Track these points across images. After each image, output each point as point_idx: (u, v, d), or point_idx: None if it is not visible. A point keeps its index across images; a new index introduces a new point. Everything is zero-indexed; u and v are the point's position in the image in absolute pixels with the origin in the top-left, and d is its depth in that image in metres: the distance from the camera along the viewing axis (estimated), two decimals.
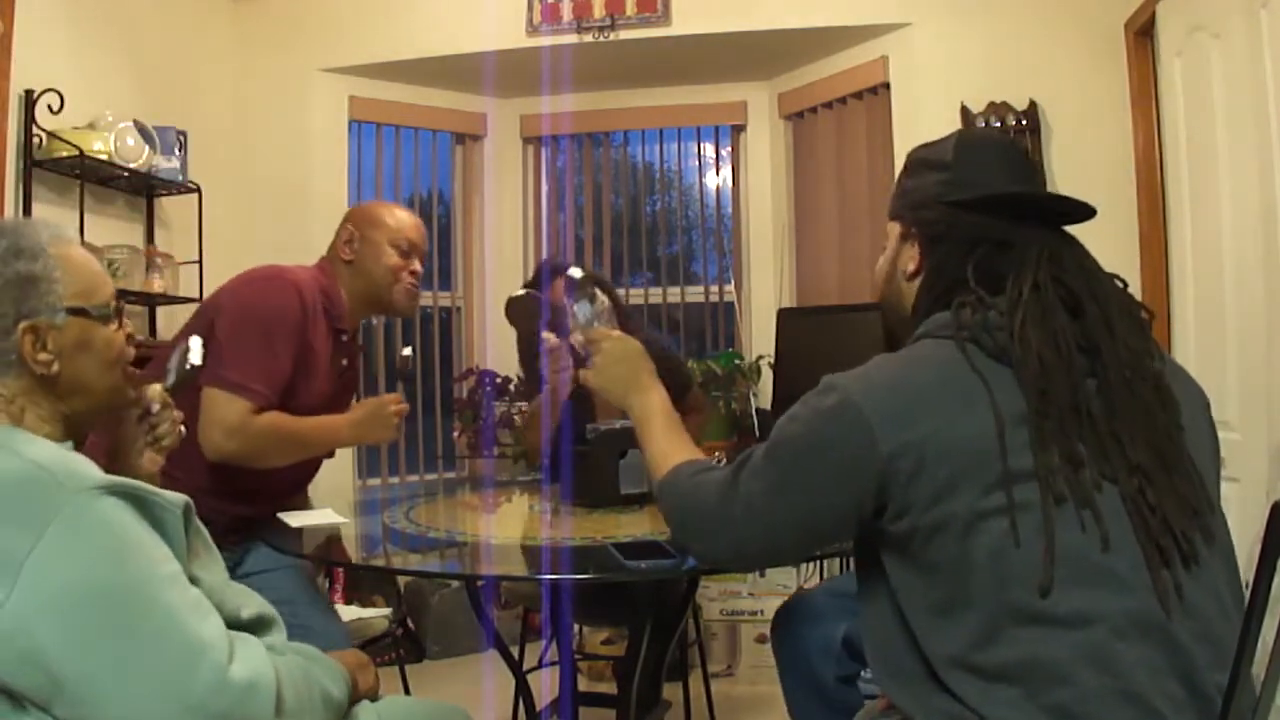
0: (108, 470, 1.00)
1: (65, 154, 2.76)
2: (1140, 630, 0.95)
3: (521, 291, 2.17)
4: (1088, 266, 1.12)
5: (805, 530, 1.13)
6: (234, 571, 1.90)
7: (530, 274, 4.15)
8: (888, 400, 1.04)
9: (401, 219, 2.03)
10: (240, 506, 1.85)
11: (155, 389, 1.35)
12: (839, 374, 1.10)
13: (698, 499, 1.21)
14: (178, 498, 1.04)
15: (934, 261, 1.16)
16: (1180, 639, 0.95)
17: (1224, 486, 2.31)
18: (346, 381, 2.08)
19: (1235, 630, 0.99)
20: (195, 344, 1.46)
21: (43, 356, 1.06)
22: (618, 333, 1.50)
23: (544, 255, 4.17)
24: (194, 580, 1.03)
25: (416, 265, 2.03)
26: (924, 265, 1.18)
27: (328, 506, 2.02)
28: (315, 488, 2.18)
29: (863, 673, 1.62)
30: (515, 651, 2.26)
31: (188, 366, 1.46)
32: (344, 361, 2.03)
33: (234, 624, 1.09)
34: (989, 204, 1.13)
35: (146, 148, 3.02)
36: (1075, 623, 0.95)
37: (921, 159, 1.23)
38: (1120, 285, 1.14)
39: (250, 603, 1.17)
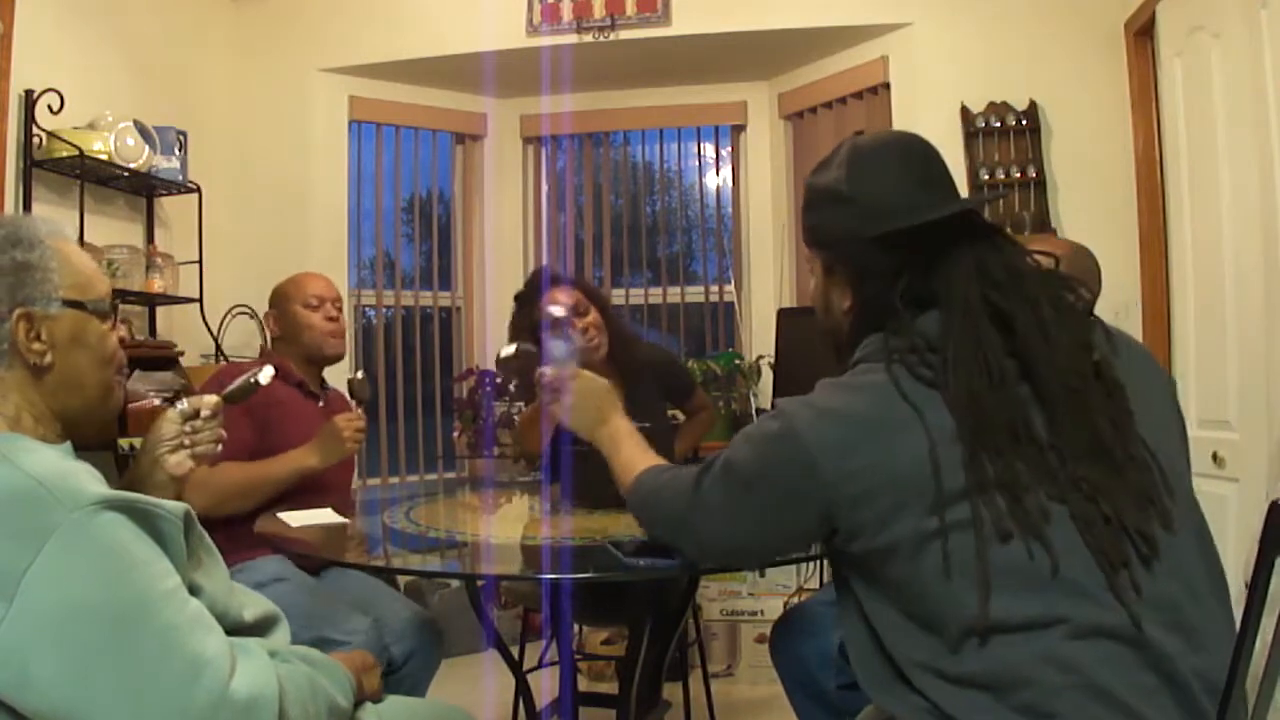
0: (135, 460, 0.99)
1: (65, 154, 2.76)
2: (1100, 631, 0.95)
3: (511, 349, 2.19)
4: (1015, 267, 1.10)
5: (761, 544, 1.19)
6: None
7: (525, 278, 4.17)
8: (829, 430, 1.05)
9: (303, 282, 2.31)
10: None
11: (211, 398, 1.37)
12: (789, 400, 1.11)
13: (663, 497, 1.27)
14: (178, 506, 1.03)
15: (862, 297, 1.16)
16: (1147, 633, 0.95)
17: (1224, 486, 2.32)
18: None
19: (1209, 612, 1.00)
20: (268, 369, 1.57)
21: (36, 346, 1.05)
22: (587, 373, 1.57)
23: (543, 257, 4.17)
24: (196, 588, 1.02)
25: (330, 310, 2.29)
26: (854, 300, 1.17)
27: (328, 506, 2.03)
28: None
29: None
30: (515, 651, 2.26)
31: (251, 380, 1.51)
32: (319, 403, 2.29)
33: (238, 627, 1.09)
34: (901, 235, 1.09)
35: (146, 148, 3.02)
36: (1030, 627, 0.95)
37: (818, 190, 1.19)
38: (1051, 269, 1.12)
39: (253, 604, 1.17)
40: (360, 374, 2.20)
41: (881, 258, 1.11)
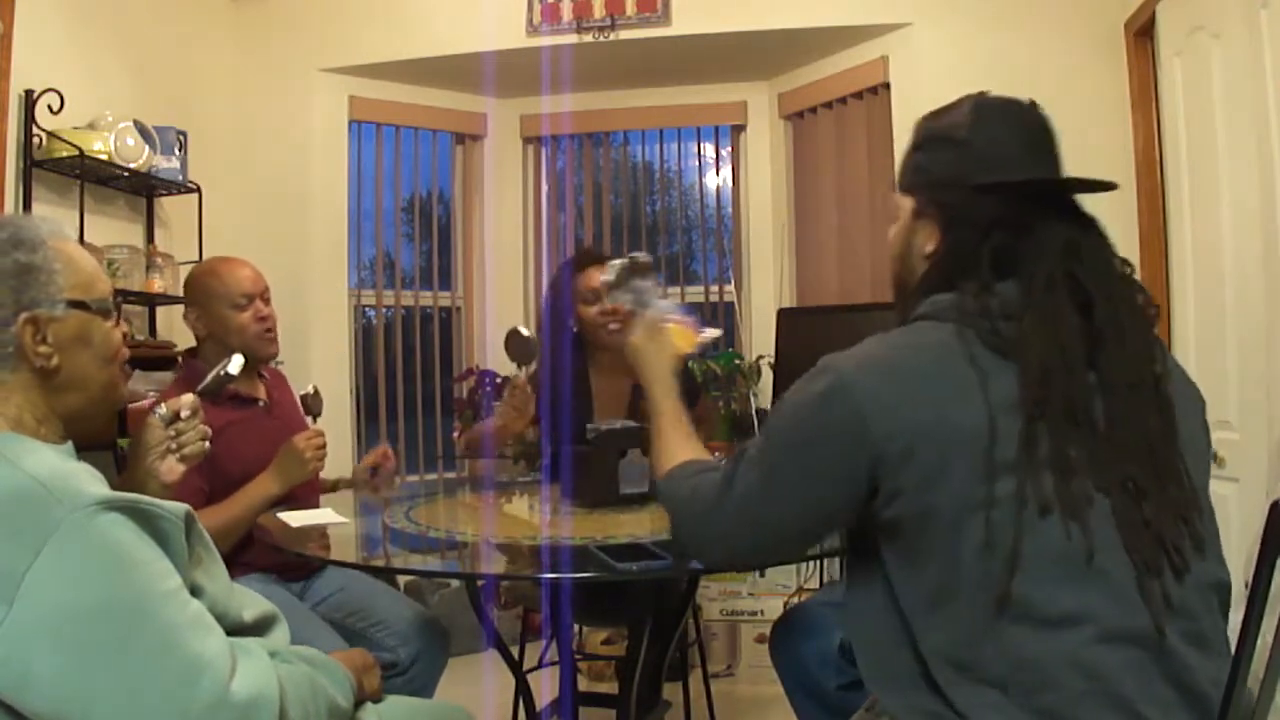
0: (127, 472, 0.99)
1: (65, 154, 2.76)
2: (1128, 637, 0.95)
3: (527, 332, 2.26)
4: (1104, 259, 1.10)
5: (801, 520, 1.12)
6: (302, 596, 2.05)
7: (532, 266, 4.18)
8: (882, 382, 1.03)
9: (228, 278, 2.07)
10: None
11: (188, 397, 1.37)
12: (834, 355, 1.08)
13: (695, 499, 1.22)
14: (178, 506, 1.03)
15: (949, 243, 1.13)
16: (1170, 642, 0.95)
17: (1224, 486, 2.32)
18: (283, 419, 2.14)
19: (1222, 632, 1.00)
20: (237, 358, 1.55)
21: (42, 349, 1.05)
22: (672, 329, 1.54)
23: (543, 257, 4.17)
24: (197, 589, 1.02)
25: (261, 308, 2.09)
26: (940, 246, 1.14)
27: (328, 507, 2.03)
28: None
29: None
30: (515, 651, 2.26)
31: (223, 372, 1.51)
32: (260, 403, 2.13)
33: (238, 627, 1.09)
34: (1010, 188, 1.09)
35: (146, 148, 3.02)
36: (1062, 624, 0.95)
37: (936, 133, 1.18)
38: (1130, 274, 1.12)
39: (252, 604, 1.17)
40: (313, 388, 2.12)
41: (980, 207, 1.09)
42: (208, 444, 1.38)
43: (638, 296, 1.60)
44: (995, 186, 1.09)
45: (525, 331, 2.25)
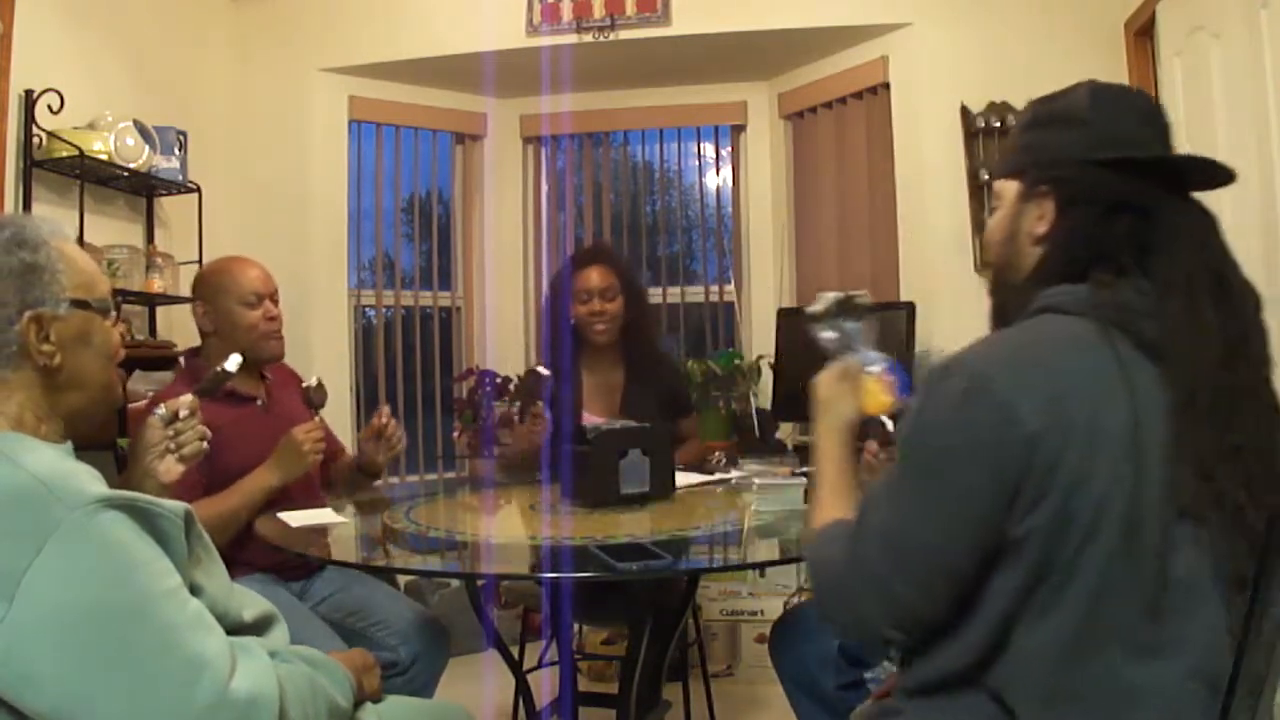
0: (125, 472, 0.99)
1: (65, 154, 2.76)
2: (1207, 674, 0.91)
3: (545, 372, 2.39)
4: (1230, 255, 1.04)
5: (951, 544, 0.97)
6: (301, 596, 2.05)
7: (532, 266, 4.18)
8: (1027, 377, 0.95)
9: (239, 276, 2.11)
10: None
11: (187, 398, 1.37)
12: (958, 354, 0.99)
13: (829, 559, 1.07)
14: (178, 505, 1.03)
15: (1068, 224, 1.04)
16: (1236, 699, 0.90)
17: None
18: (282, 418, 2.11)
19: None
20: (235, 357, 1.56)
21: (45, 348, 1.06)
22: (851, 369, 1.36)
23: (543, 256, 4.17)
24: (196, 588, 1.02)
25: (270, 308, 2.13)
26: (1056, 227, 1.06)
27: (328, 506, 2.03)
28: None
29: (866, 675, 1.62)
30: (515, 651, 2.26)
31: (220, 370, 1.52)
32: (257, 402, 2.14)
33: (237, 626, 1.09)
34: (1135, 166, 1.02)
35: (146, 148, 3.01)
36: (1160, 652, 0.91)
37: (1051, 113, 1.11)
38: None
39: (252, 604, 1.17)
40: (316, 381, 2.11)
41: (1103, 184, 1.02)
42: (206, 444, 1.39)
43: (843, 338, 1.39)
44: (1122, 162, 1.02)
45: (544, 371, 2.38)
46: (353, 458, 2.34)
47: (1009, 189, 1.12)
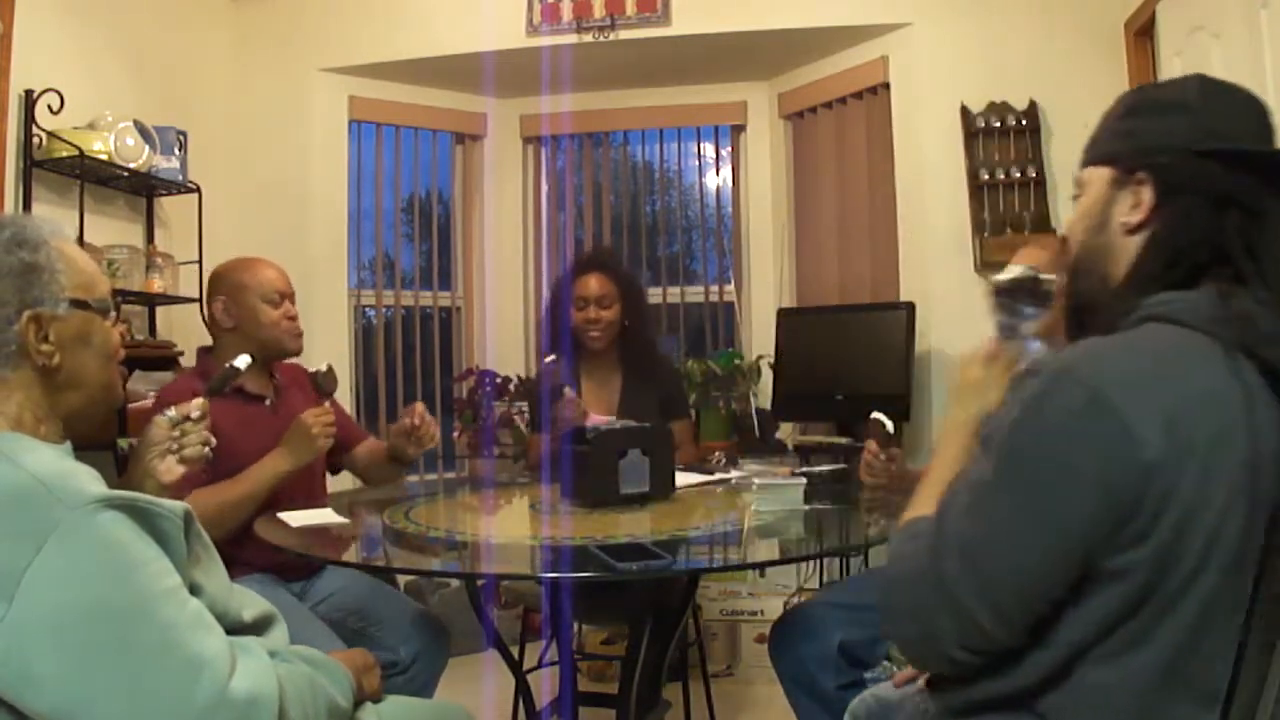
0: (127, 470, 0.99)
1: (65, 154, 2.76)
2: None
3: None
4: None
5: (1038, 566, 0.89)
6: (301, 596, 2.05)
7: (532, 266, 4.19)
8: (1149, 397, 0.86)
9: (262, 274, 2.14)
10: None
11: (198, 401, 1.38)
12: (1065, 362, 0.90)
13: (904, 572, 0.98)
14: (178, 505, 1.03)
15: (1170, 215, 0.96)
16: None
17: None
18: (289, 418, 2.09)
19: None
20: (244, 356, 1.58)
21: (45, 348, 1.06)
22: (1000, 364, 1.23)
23: (543, 257, 4.18)
24: (196, 588, 1.02)
25: (290, 308, 2.16)
26: (1155, 218, 0.97)
27: (328, 506, 2.03)
28: None
29: (866, 675, 1.63)
30: (515, 651, 2.26)
31: (230, 368, 1.53)
32: (266, 402, 2.14)
33: (237, 626, 1.09)
34: (1247, 161, 0.94)
35: (146, 148, 3.01)
36: (1212, 702, 0.87)
37: (1154, 100, 1.03)
38: None
39: (251, 604, 1.17)
40: (327, 366, 2.10)
41: (1211, 176, 0.94)
42: (209, 450, 1.39)
43: (1014, 320, 1.24)
44: (1231, 155, 0.94)
45: (553, 357, 2.50)
46: (383, 446, 2.33)
47: (1097, 176, 1.03)
